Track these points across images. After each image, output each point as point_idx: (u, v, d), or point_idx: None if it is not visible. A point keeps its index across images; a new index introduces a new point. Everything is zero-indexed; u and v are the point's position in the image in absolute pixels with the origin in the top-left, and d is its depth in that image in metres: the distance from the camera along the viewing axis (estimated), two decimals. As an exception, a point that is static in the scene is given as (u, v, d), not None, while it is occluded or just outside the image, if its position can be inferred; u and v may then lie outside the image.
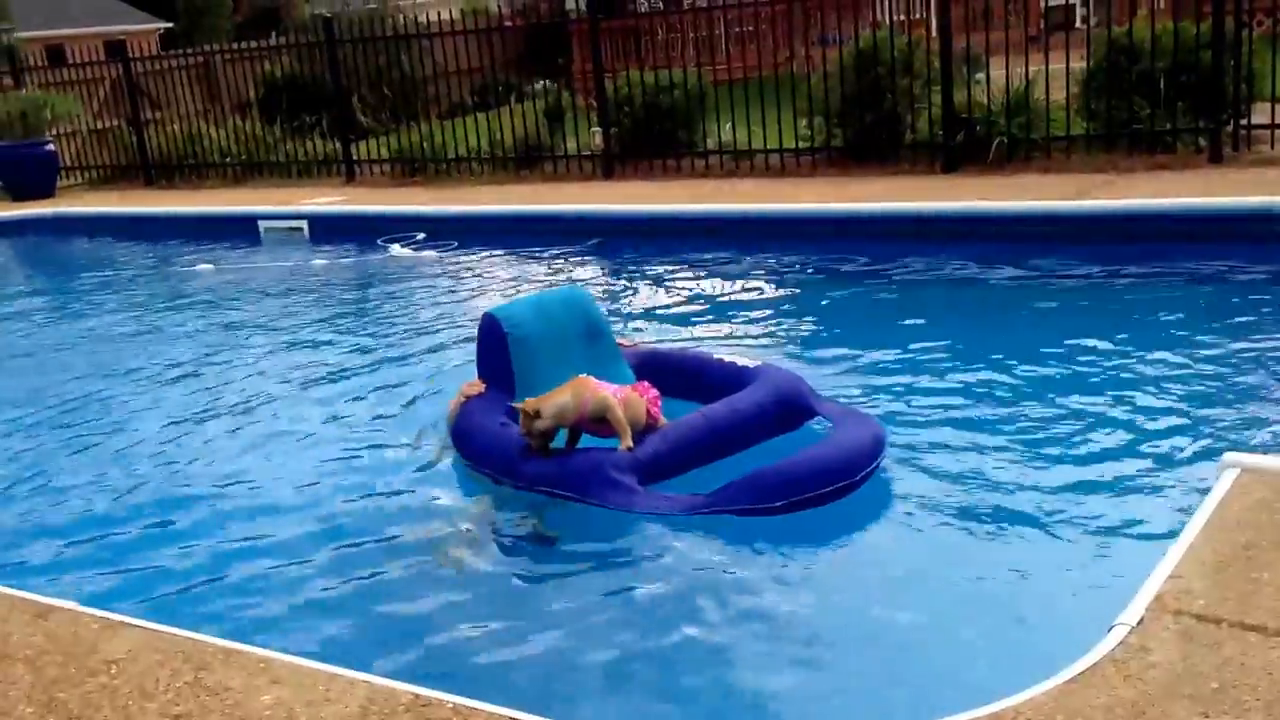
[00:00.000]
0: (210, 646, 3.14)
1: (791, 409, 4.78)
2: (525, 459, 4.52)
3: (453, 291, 8.64)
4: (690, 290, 8.15)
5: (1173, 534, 3.30)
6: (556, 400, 4.43)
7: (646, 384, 4.70)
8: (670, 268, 8.91)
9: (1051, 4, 15.43)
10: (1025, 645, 3.36)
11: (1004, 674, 2.95)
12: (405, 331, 7.55)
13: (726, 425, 4.57)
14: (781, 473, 4.19)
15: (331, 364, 6.87)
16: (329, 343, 7.46)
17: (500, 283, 8.78)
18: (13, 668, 3.10)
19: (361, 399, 6.06)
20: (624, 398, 4.47)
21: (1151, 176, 9.23)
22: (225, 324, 8.30)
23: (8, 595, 3.58)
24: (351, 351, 7.19)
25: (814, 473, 4.18)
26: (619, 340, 5.38)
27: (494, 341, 5.05)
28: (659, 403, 4.63)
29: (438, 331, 7.39)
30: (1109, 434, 4.79)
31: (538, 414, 4.41)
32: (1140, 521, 4.01)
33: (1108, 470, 4.42)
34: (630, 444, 4.38)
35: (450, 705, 2.76)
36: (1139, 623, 2.81)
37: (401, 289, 9.03)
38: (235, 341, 7.67)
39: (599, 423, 4.45)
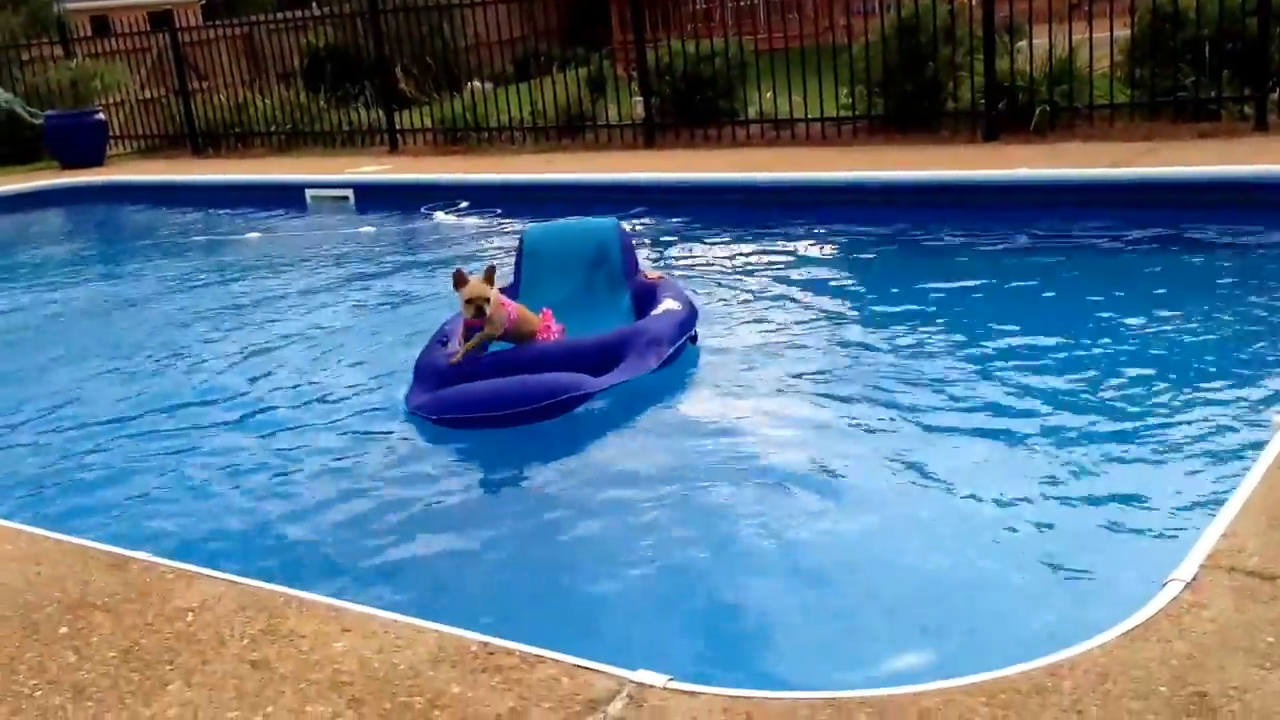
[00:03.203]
0: (282, 596, 3.22)
1: (616, 350, 5.23)
2: (423, 352, 5.46)
3: (493, 256, 8.71)
4: (724, 256, 8.23)
5: (1226, 492, 3.33)
6: (500, 299, 5.29)
7: (549, 312, 5.56)
8: (709, 235, 8.98)
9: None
10: (1080, 600, 3.40)
11: (1059, 628, 3.01)
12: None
13: (538, 357, 5.20)
14: (452, 393, 4.95)
15: (383, 323, 7.02)
16: (382, 303, 7.60)
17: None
18: (92, 615, 3.19)
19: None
20: (516, 316, 5.33)
21: (1196, 145, 9.17)
22: (281, 288, 8.40)
23: (85, 547, 3.68)
24: (401, 309, 7.34)
25: (472, 400, 4.88)
26: (644, 273, 6.14)
27: (519, 252, 6.19)
28: (552, 326, 5.49)
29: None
30: (1162, 395, 4.83)
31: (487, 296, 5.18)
32: (1193, 480, 4.04)
33: (1161, 430, 4.47)
34: (457, 359, 5.17)
35: (518, 654, 2.82)
36: (1193, 579, 2.85)
37: (447, 254, 9.11)
38: (292, 304, 7.79)
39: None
